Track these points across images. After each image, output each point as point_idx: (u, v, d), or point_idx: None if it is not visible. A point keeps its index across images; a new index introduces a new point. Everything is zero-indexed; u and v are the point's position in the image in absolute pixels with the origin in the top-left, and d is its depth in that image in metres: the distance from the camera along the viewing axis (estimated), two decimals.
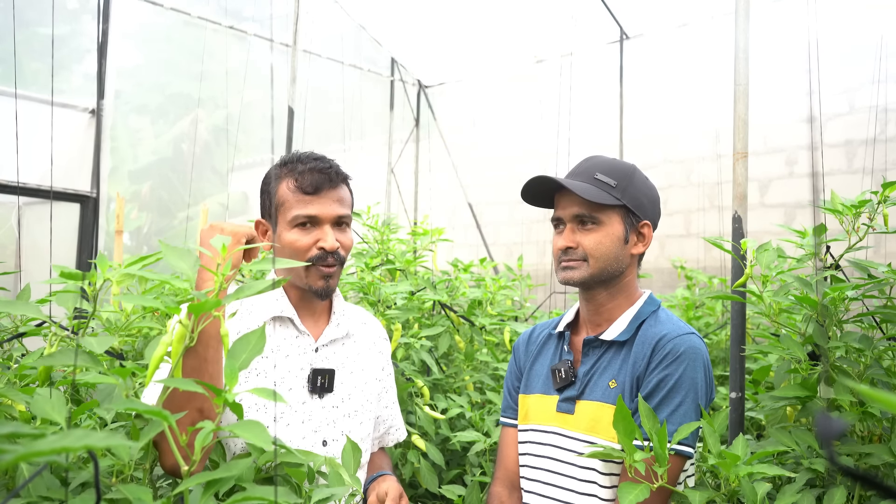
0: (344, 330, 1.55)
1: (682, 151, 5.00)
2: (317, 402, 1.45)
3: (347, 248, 1.49)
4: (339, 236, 1.47)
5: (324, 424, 1.45)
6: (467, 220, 6.08)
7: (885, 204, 1.55)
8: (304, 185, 1.44)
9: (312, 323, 1.52)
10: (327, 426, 1.45)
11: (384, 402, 1.66)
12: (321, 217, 1.44)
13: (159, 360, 0.98)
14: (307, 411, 1.44)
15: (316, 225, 1.45)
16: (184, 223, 6.57)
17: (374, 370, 1.61)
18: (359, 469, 1.44)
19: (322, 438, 1.44)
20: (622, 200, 1.47)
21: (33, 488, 0.90)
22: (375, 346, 1.64)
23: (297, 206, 1.44)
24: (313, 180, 1.44)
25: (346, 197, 1.50)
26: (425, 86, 6.27)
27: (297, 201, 1.44)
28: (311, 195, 1.44)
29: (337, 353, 1.53)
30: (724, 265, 4.36)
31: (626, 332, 1.48)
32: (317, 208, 1.44)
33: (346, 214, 1.49)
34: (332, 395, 1.48)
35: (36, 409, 0.96)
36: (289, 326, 1.49)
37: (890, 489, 0.53)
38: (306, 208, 1.44)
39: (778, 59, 4.34)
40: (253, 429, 0.86)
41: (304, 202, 1.44)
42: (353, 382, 1.53)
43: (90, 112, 3.97)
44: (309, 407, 1.44)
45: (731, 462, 1.26)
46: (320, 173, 1.45)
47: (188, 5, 4.60)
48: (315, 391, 1.45)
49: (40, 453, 0.60)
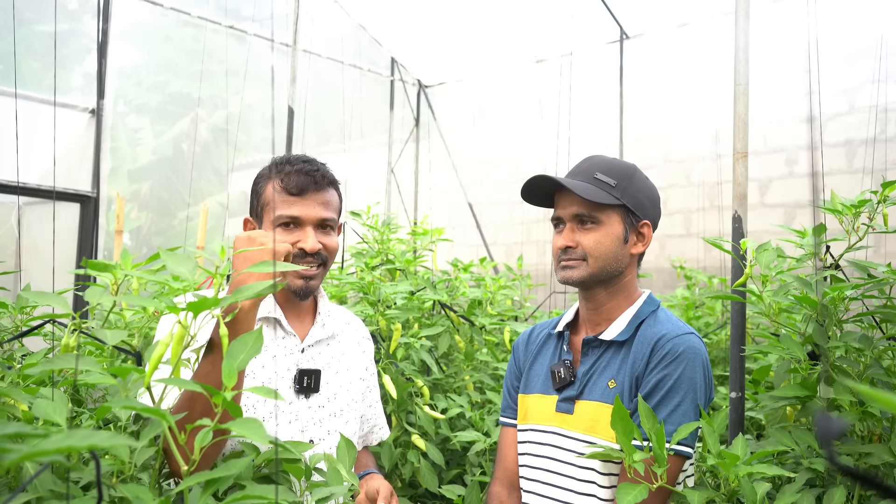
0: (329, 330, 1.56)
1: (682, 151, 5.00)
2: (303, 402, 1.46)
3: (331, 251, 1.49)
4: (322, 239, 1.47)
5: (310, 424, 1.46)
6: (467, 220, 6.08)
7: (885, 203, 1.55)
8: (288, 186, 1.45)
9: (298, 323, 1.53)
10: (314, 426, 1.46)
11: (368, 402, 1.67)
12: (303, 218, 1.45)
13: (158, 360, 0.98)
14: (294, 411, 1.45)
15: (298, 226, 1.46)
16: (184, 223, 6.57)
17: (359, 370, 1.62)
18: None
19: (309, 438, 1.46)
20: (622, 200, 1.47)
21: (39, 484, 0.91)
22: (359, 347, 1.65)
23: (280, 206, 1.44)
24: (298, 182, 1.45)
25: (333, 201, 1.51)
26: (425, 86, 6.26)
27: (282, 202, 1.45)
28: (296, 196, 1.45)
29: (322, 353, 1.54)
30: (724, 265, 4.36)
31: (626, 331, 1.48)
32: (299, 210, 1.45)
33: (331, 218, 1.49)
34: (317, 395, 1.49)
35: (37, 409, 0.96)
36: (275, 327, 1.49)
37: (890, 489, 0.53)
38: (289, 209, 1.44)
39: (778, 59, 4.34)
40: (250, 426, 0.86)
41: (288, 203, 1.44)
42: (338, 382, 1.54)
43: (90, 112, 3.97)
44: (296, 407, 1.45)
45: (730, 462, 1.26)
46: (306, 175, 1.46)
47: (188, 5, 4.60)
48: (301, 391, 1.46)
49: (44, 452, 0.60)
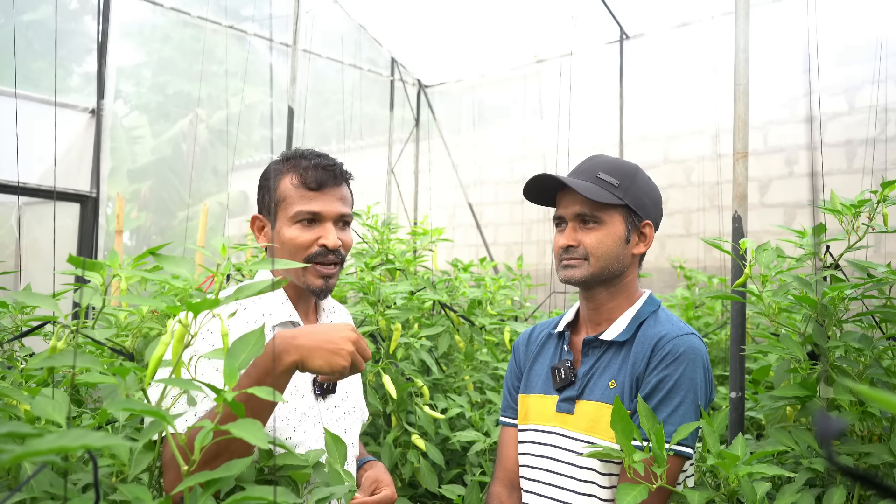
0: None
1: (682, 151, 5.00)
2: (321, 403, 1.46)
3: (348, 247, 1.47)
4: (340, 235, 1.44)
5: (329, 425, 1.45)
6: (467, 220, 6.08)
7: (885, 203, 1.55)
8: (307, 181, 1.41)
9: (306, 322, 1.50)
10: (332, 426, 1.46)
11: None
12: (324, 214, 1.42)
13: (159, 360, 0.98)
14: (316, 415, 1.44)
15: (318, 222, 1.42)
16: (183, 223, 6.58)
17: None
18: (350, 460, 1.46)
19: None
20: (624, 200, 1.47)
21: (36, 485, 0.90)
22: None
23: (299, 202, 1.41)
24: (317, 177, 1.41)
25: (348, 196, 1.49)
26: (425, 86, 6.26)
27: (300, 197, 1.41)
28: (315, 191, 1.41)
29: None
30: (724, 265, 4.36)
31: (626, 332, 1.47)
32: (320, 205, 1.41)
33: (348, 213, 1.47)
34: (333, 396, 1.48)
35: (37, 409, 0.96)
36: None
37: (889, 489, 0.53)
38: (309, 204, 1.40)
39: (778, 59, 4.35)
40: (249, 428, 0.86)
41: (308, 198, 1.41)
42: (347, 379, 1.53)
43: (90, 112, 3.97)
44: (317, 410, 1.44)
45: (730, 462, 1.26)
46: (324, 170, 1.42)
47: (188, 5, 4.60)
48: (322, 394, 1.45)
49: (38, 452, 0.60)
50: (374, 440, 2.20)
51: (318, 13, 5.28)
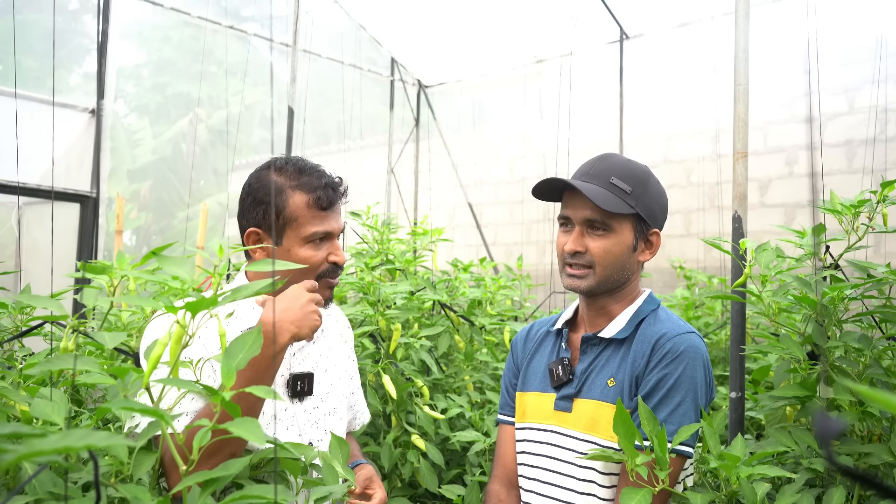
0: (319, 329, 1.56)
1: (682, 151, 5.00)
2: (297, 405, 1.45)
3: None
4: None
5: (307, 427, 1.45)
6: (467, 220, 6.08)
7: (885, 203, 1.55)
8: (321, 202, 1.43)
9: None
10: (311, 428, 1.45)
11: (350, 389, 1.66)
12: (334, 232, 1.47)
13: (157, 360, 0.98)
14: (290, 417, 1.44)
15: (326, 239, 1.46)
16: (183, 223, 6.57)
17: (344, 361, 1.62)
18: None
19: (308, 441, 1.44)
20: (636, 209, 1.44)
21: (38, 485, 0.90)
22: (342, 338, 1.65)
23: (313, 222, 1.43)
24: (328, 196, 1.44)
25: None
26: (425, 86, 6.26)
27: (314, 217, 1.43)
28: (326, 211, 1.45)
29: (311, 353, 1.52)
30: (724, 265, 4.36)
31: (626, 329, 1.47)
32: (331, 224, 1.46)
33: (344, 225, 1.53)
34: (311, 398, 1.48)
35: (36, 410, 0.96)
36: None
37: (889, 489, 0.53)
38: (322, 224, 1.44)
39: (778, 59, 4.34)
40: (248, 426, 0.86)
41: (320, 218, 1.44)
42: (329, 380, 1.53)
43: (90, 112, 3.97)
44: (291, 412, 1.44)
45: (731, 464, 1.26)
46: (333, 190, 1.46)
47: (188, 5, 4.60)
48: (295, 395, 1.45)
49: (41, 453, 0.60)
50: (374, 440, 2.20)
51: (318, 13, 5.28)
